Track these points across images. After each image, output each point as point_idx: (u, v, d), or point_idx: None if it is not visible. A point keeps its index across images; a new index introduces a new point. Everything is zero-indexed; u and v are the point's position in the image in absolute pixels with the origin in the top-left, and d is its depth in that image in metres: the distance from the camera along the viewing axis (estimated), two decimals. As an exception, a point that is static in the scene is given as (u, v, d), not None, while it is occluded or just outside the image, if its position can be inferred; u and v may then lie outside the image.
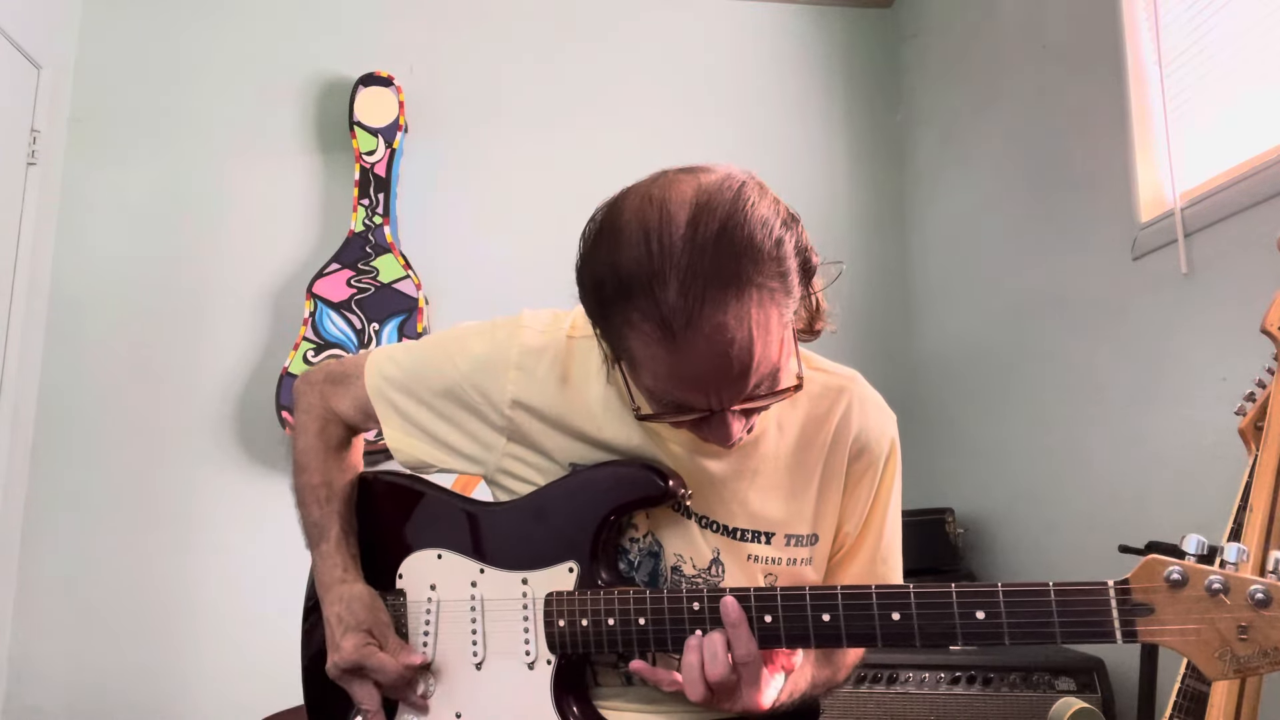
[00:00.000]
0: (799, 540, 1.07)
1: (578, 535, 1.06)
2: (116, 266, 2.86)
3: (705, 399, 0.88)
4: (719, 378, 0.86)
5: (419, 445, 1.14)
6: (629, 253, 0.84)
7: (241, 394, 2.83)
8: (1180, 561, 0.77)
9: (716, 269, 0.82)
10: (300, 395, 1.22)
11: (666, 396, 0.90)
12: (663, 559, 1.06)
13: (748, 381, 0.87)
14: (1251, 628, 0.73)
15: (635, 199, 0.88)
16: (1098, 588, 0.80)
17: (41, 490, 2.71)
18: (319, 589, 1.14)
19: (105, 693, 2.64)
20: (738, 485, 1.05)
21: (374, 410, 1.15)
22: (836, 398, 1.09)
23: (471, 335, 1.12)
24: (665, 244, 0.83)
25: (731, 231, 0.83)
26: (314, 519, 1.16)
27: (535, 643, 1.05)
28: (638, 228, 0.84)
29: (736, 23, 3.27)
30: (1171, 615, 0.76)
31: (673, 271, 0.82)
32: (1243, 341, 1.58)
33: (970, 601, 0.85)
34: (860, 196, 3.22)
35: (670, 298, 0.82)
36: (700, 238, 0.83)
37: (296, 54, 3.05)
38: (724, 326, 0.83)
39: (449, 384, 1.10)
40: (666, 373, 0.87)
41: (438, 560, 1.14)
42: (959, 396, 2.83)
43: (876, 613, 0.89)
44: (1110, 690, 1.91)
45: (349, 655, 1.07)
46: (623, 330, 0.87)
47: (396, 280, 2.82)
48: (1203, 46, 1.92)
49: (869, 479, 1.09)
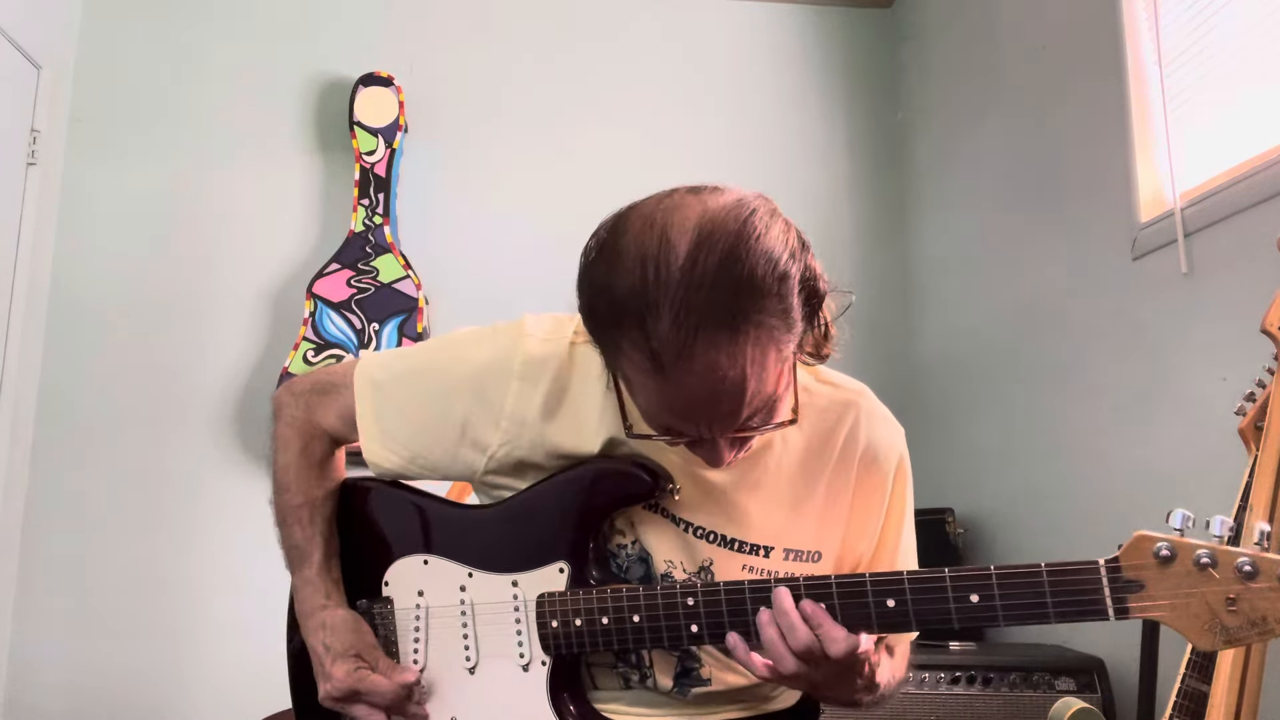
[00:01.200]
0: (799, 555, 1.05)
1: (566, 535, 1.05)
2: (116, 266, 2.86)
3: (695, 429, 0.87)
4: (709, 411, 0.85)
5: (395, 459, 1.10)
6: (625, 279, 0.82)
7: (241, 394, 2.83)
8: (1168, 537, 0.78)
9: (713, 305, 0.80)
10: (283, 407, 1.15)
11: (662, 423, 0.89)
12: (652, 565, 1.04)
13: (738, 417, 0.86)
14: (1239, 599, 0.74)
15: (638, 220, 0.85)
16: (1089, 566, 0.81)
17: (41, 490, 2.71)
18: (300, 616, 1.11)
19: (105, 693, 2.64)
20: (737, 496, 1.03)
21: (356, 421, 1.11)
22: (844, 411, 1.06)
23: (471, 341, 1.09)
24: (662, 274, 0.80)
25: (731, 265, 0.80)
26: (295, 541, 1.12)
27: (529, 644, 1.04)
28: (636, 253, 0.82)
29: (736, 23, 3.27)
30: (1161, 590, 0.77)
31: (667, 304, 0.79)
32: (1243, 341, 1.58)
33: (964, 585, 0.85)
34: (860, 196, 3.22)
35: (663, 330, 0.80)
36: (699, 271, 0.80)
37: (296, 54, 3.05)
38: (716, 365, 0.81)
39: (444, 391, 1.07)
40: (656, 401, 0.86)
41: (424, 566, 1.12)
42: (959, 397, 2.83)
43: (871, 599, 0.88)
44: (1110, 690, 1.91)
45: (341, 683, 1.05)
46: (615, 354, 0.86)
47: (396, 280, 2.82)
48: (1203, 46, 1.92)
49: (879, 494, 1.07)
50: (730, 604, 0.93)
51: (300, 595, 1.12)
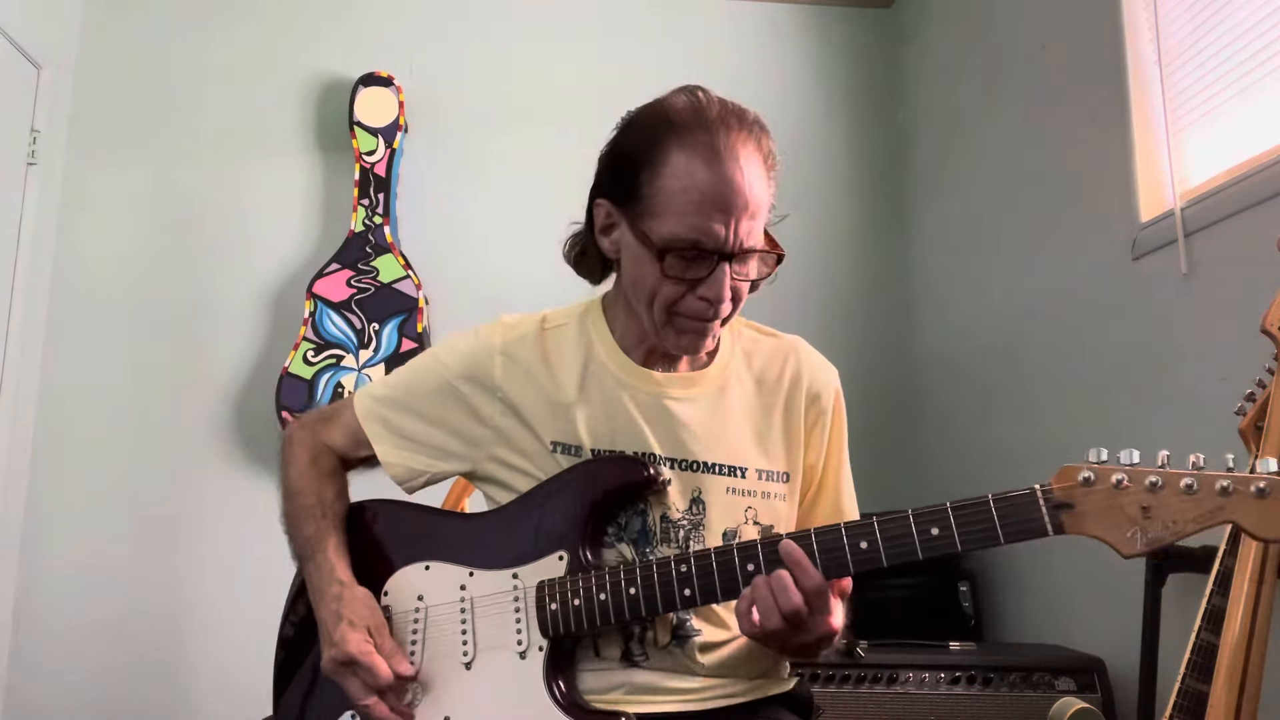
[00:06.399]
0: (771, 476, 1.17)
1: (565, 528, 1.10)
2: (116, 266, 2.86)
3: (722, 229, 1.05)
4: (735, 204, 1.04)
5: (410, 456, 1.20)
6: (678, 101, 1.10)
7: (241, 394, 2.83)
8: (1090, 464, 0.93)
9: (742, 118, 1.09)
10: (291, 437, 1.27)
11: (690, 234, 1.05)
12: (649, 513, 1.12)
13: (753, 219, 1.07)
14: (1152, 508, 0.90)
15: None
16: (1026, 492, 0.95)
17: (41, 490, 2.71)
18: (312, 595, 1.14)
19: (105, 693, 2.64)
20: (709, 424, 1.16)
21: (365, 434, 1.21)
22: (787, 354, 1.24)
23: (456, 339, 1.24)
24: (705, 98, 1.10)
25: (751, 114, 1.11)
26: (307, 534, 1.18)
27: (527, 630, 1.08)
28: (680, 92, 1.12)
29: (736, 23, 3.27)
30: (1088, 506, 0.92)
31: (716, 113, 1.07)
32: (1243, 341, 1.58)
33: (926, 520, 0.97)
34: (860, 196, 3.22)
35: (714, 129, 1.06)
36: (731, 103, 1.10)
37: (296, 54, 3.05)
38: (750, 158, 1.06)
39: (440, 383, 1.20)
40: (697, 198, 1.04)
41: (425, 571, 1.16)
42: (959, 396, 2.83)
43: (846, 544, 0.99)
44: (1110, 690, 1.91)
45: (348, 649, 1.07)
46: (661, 165, 1.06)
47: (396, 280, 2.82)
48: (1203, 46, 1.92)
49: (820, 425, 1.22)
50: (720, 567, 1.03)
51: (314, 577, 1.15)
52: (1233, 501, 0.88)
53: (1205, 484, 0.88)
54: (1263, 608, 1.26)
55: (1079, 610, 2.18)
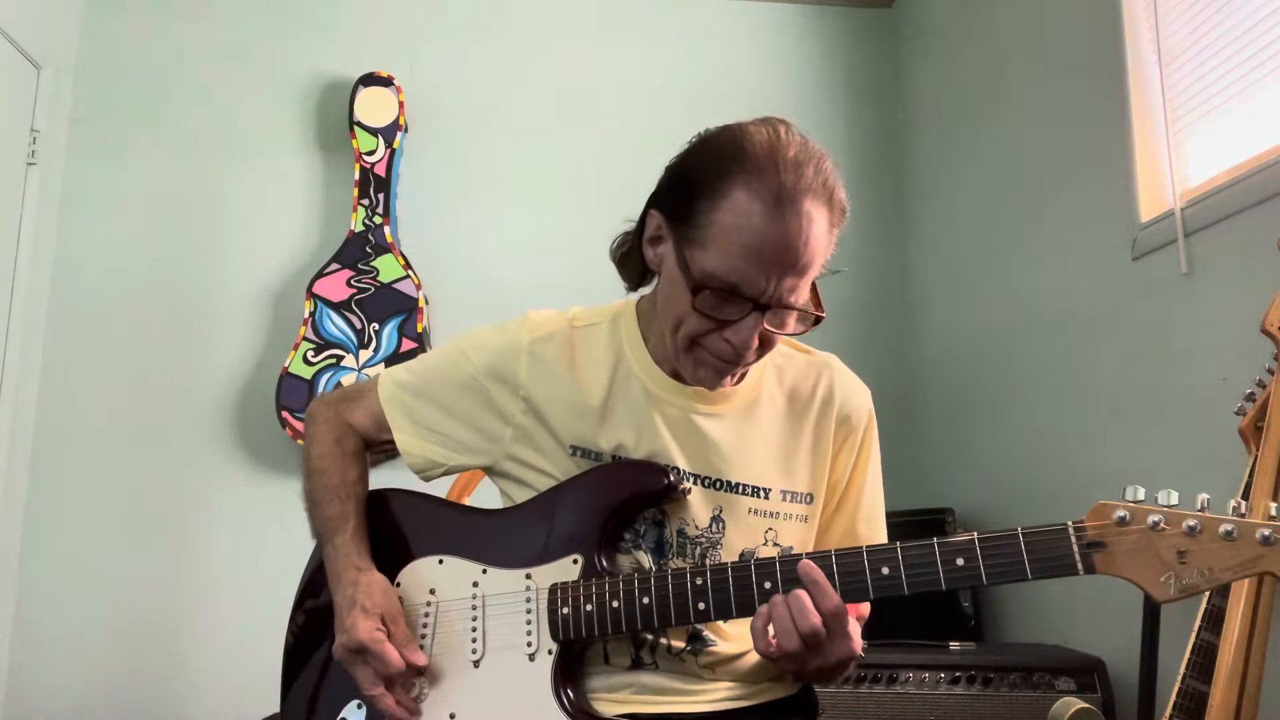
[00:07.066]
0: (794, 497, 1.15)
1: (581, 531, 1.08)
2: (116, 266, 2.85)
3: (764, 281, 1.00)
4: (789, 256, 1.00)
5: (429, 446, 1.19)
6: (757, 133, 1.03)
7: (241, 394, 2.83)
8: (1126, 503, 0.90)
9: (820, 173, 1.03)
10: (315, 414, 1.27)
11: (730, 276, 1.00)
12: (667, 525, 1.11)
13: (801, 277, 1.02)
14: (1189, 553, 0.86)
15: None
16: (1058, 528, 0.92)
17: (41, 490, 2.71)
18: (330, 578, 1.15)
19: (106, 694, 2.63)
20: (737, 442, 1.13)
21: (386, 419, 1.21)
22: (820, 372, 1.21)
23: (482, 333, 1.22)
24: (787, 137, 1.03)
25: (830, 164, 1.05)
26: (329, 515, 1.18)
27: (537, 633, 1.07)
28: (763, 122, 1.05)
29: (736, 23, 3.27)
30: (1121, 548, 0.89)
31: (794, 158, 1.01)
32: (1243, 341, 1.58)
33: (951, 550, 0.94)
34: (860, 196, 3.19)
35: (786, 172, 1.00)
36: (813, 149, 1.05)
37: (296, 54, 3.04)
38: (811, 216, 1.01)
39: (464, 377, 1.18)
40: (749, 242, 0.99)
41: (438, 565, 1.15)
42: (959, 396, 2.83)
43: (867, 567, 0.96)
44: (1110, 690, 1.91)
45: (359, 636, 1.07)
46: (721, 198, 1.00)
47: (396, 280, 2.82)
48: (1202, 46, 1.92)
49: (849, 445, 1.20)
50: (737, 582, 1.01)
51: (333, 560, 1.15)
52: (1274, 552, 0.83)
53: (1246, 532, 0.84)
54: (1263, 607, 1.26)
55: (1079, 610, 2.18)
